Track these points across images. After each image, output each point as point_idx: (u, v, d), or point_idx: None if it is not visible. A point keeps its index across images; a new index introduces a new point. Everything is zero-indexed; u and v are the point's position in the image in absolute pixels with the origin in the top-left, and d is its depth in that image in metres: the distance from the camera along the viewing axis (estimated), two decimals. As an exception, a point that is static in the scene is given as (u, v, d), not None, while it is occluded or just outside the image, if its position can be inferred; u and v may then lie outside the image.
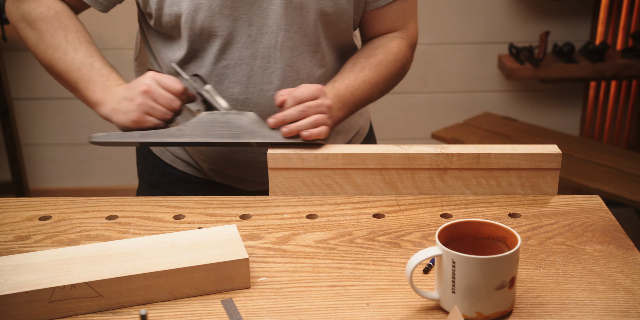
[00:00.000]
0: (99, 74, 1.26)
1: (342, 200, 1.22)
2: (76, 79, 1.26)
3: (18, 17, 1.31)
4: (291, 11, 1.28)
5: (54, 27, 1.28)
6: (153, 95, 1.19)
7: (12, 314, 0.91)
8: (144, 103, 1.19)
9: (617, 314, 0.93)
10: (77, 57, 1.26)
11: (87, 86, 1.25)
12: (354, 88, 1.31)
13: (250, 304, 0.96)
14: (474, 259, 0.88)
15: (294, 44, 1.32)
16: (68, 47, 1.27)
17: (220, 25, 1.28)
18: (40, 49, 1.29)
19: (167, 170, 1.50)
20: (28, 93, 3.11)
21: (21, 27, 1.31)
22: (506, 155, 1.21)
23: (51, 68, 1.29)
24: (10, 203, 1.22)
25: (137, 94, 1.20)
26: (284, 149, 1.21)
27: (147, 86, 1.19)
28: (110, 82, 1.25)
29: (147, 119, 1.20)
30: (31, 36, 1.30)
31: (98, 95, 1.24)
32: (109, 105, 1.23)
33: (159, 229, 1.14)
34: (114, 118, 1.23)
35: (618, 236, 1.11)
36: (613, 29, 2.96)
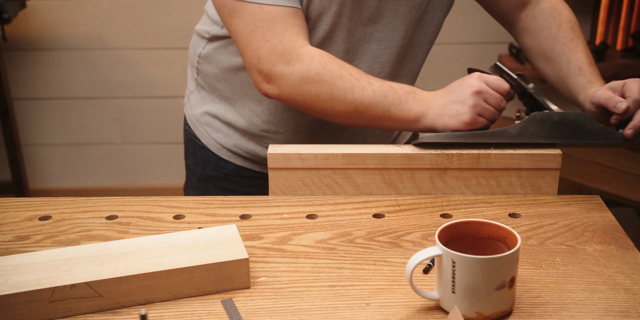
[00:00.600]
0: (403, 92, 1.23)
1: (342, 200, 1.22)
2: (387, 107, 1.22)
3: (298, 80, 1.22)
4: (383, 4, 1.30)
5: (336, 71, 1.22)
6: (484, 95, 1.19)
7: (12, 314, 0.91)
8: (477, 104, 1.19)
9: (617, 314, 0.93)
10: (375, 88, 1.23)
11: (401, 108, 1.22)
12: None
13: (250, 304, 0.96)
14: (474, 259, 0.88)
15: (381, 36, 1.33)
16: (361, 83, 1.23)
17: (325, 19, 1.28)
18: (338, 98, 1.22)
19: (220, 164, 1.50)
20: (28, 93, 3.11)
21: (306, 89, 1.22)
22: (506, 155, 1.21)
23: (357, 109, 1.23)
24: (10, 203, 1.22)
25: (468, 96, 1.19)
26: (284, 149, 1.21)
27: (478, 87, 1.19)
28: (420, 95, 1.24)
29: (480, 120, 1.20)
30: (322, 91, 1.22)
31: (416, 110, 1.22)
32: (432, 114, 1.21)
33: (159, 229, 1.14)
34: (438, 123, 1.21)
35: (618, 236, 1.11)
36: (613, 29, 2.96)
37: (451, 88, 1.22)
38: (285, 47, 1.21)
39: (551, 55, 1.38)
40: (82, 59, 3.05)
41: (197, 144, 1.53)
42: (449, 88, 1.23)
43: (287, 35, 1.22)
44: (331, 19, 1.29)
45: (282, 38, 1.22)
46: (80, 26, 2.99)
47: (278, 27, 1.22)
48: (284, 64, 1.22)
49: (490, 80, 1.20)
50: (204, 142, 1.51)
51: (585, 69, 1.33)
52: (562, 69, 1.35)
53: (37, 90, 3.10)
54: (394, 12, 1.32)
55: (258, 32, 1.22)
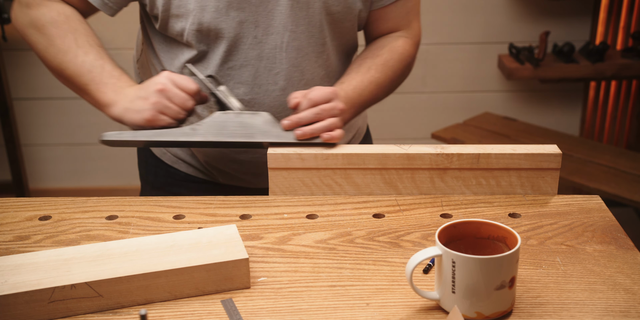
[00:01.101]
0: (109, 75, 1.25)
1: (342, 200, 1.22)
2: (86, 81, 1.26)
3: (26, 23, 1.30)
4: (297, 11, 1.29)
5: (64, 31, 1.28)
6: (168, 94, 1.19)
7: (12, 314, 0.91)
8: (159, 102, 1.19)
9: (617, 314, 0.93)
10: (87, 59, 1.26)
11: (98, 88, 1.25)
12: (361, 89, 1.32)
13: (250, 304, 0.96)
14: (474, 259, 0.88)
15: (299, 45, 1.32)
16: (78, 50, 1.26)
17: (227, 26, 1.28)
18: (50, 53, 1.28)
19: (170, 171, 1.50)
20: (28, 93, 3.11)
21: (30, 33, 1.30)
22: (506, 155, 1.21)
23: (61, 71, 1.29)
24: (10, 203, 1.22)
25: (151, 93, 1.20)
26: (284, 148, 1.21)
27: (162, 85, 1.20)
28: (122, 83, 1.25)
29: (161, 118, 1.20)
30: (40, 41, 1.29)
31: (109, 96, 1.24)
32: (121, 105, 1.23)
33: (159, 229, 1.14)
34: (126, 117, 1.22)
35: (618, 236, 1.11)
36: (613, 29, 2.96)
37: (143, 84, 1.23)
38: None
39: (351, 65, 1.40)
40: (82, 59, 3.05)
41: (148, 151, 1.53)
42: (143, 84, 1.24)
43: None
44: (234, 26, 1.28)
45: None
46: (80, 26, 2.99)
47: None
48: (25, 4, 1.30)
49: (178, 80, 1.21)
50: (152, 149, 1.51)
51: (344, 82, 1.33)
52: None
53: (37, 90, 3.10)
54: (309, 19, 1.31)
55: None
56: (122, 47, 3.03)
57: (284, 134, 1.22)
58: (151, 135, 1.21)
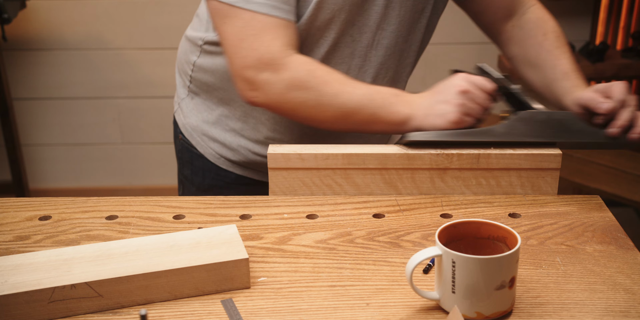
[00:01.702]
0: (390, 95, 1.24)
1: (342, 200, 1.22)
2: (373, 111, 1.22)
3: (284, 88, 1.22)
4: (390, 11, 1.31)
5: (323, 77, 1.23)
6: (471, 95, 1.19)
7: (12, 314, 0.91)
8: (463, 104, 1.19)
9: (617, 314, 0.93)
10: (360, 92, 1.23)
11: (388, 110, 1.23)
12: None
13: (250, 304, 0.96)
14: (474, 259, 0.88)
15: (388, 43, 1.34)
16: (347, 88, 1.23)
17: (334, 27, 1.29)
18: (325, 103, 1.22)
19: (220, 173, 1.49)
20: (28, 93, 3.11)
21: (293, 96, 1.23)
22: (506, 155, 1.21)
23: (343, 114, 1.23)
24: (10, 203, 1.22)
25: (454, 95, 1.19)
26: (284, 149, 1.21)
27: (464, 87, 1.19)
28: (405, 97, 1.24)
29: (466, 119, 1.20)
30: (310, 97, 1.22)
31: (403, 112, 1.22)
32: (419, 114, 1.21)
33: (159, 229, 1.14)
34: (426, 123, 1.21)
35: (618, 236, 1.11)
36: (613, 29, 2.96)
37: (437, 89, 1.23)
38: (272, 57, 1.22)
39: (536, 62, 1.39)
40: (82, 59, 3.05)
41: (194, 153, 1.51)
42: (434, 89, 1.23)
43: (275, 45, 1.22)
44: (339, 26, 1.29)
45: (269, 48, 1.22)
46: (80, 26, 2.99)
47: (267, 37, 1.22)
48: (270, 72, 1.22)
49: (476, 80, 1.21)
50: (201, 151, 1.50)
51: (571, 74, 1.34)
52: (548, 75, 1.37)
53: (37, 90, 3.11)
54: (400, 18, 1.33)
55: (247, 40, 1.22)
56: (122, 47, 3.03)
57: (592, 131, 1.21)
58: (459, 136, 1.20)
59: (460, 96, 1.19)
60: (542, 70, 1.38)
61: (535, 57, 1.39)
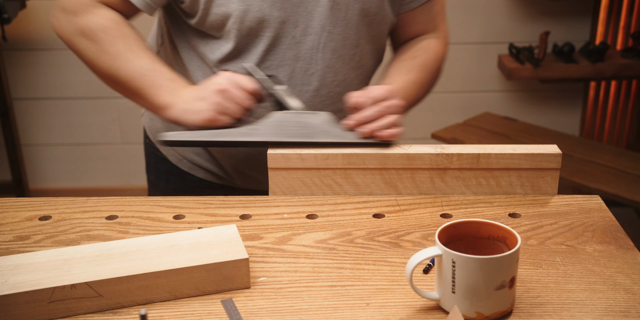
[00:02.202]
0: (164, 78, 1.25)
1: (342, 200, 1.22)
2: (141, 86, 1.25)
3: (73, 30, 1.28)
4: (336, 12, 1.30)
5: (115, 36, 1.26)
6: (228, 94, 1.19)
7: (12, 314, 0.91)
8: (219, 102, 1.19)
9: (617, 314, 0.93)
10: (140, 63, 1.25)
11: (153, 91, 1.24)
12: (405, 90, 1.34)
13: (250, 304, 0.96)
14: (474, 259, 0.88)
15: (335, 46, 1.33)
16: (130, 55, 1.25)
17: (269, 26, 1.28)
18: (102, 60, 1.27)
19: (184, 177, 1.49)
20: (28, 93, 3.11)
21: (77, 40, 1.28)
22: (506, 155, 1.21)
23: (114, 77, 1.27)
24: (10, 203, 1.22)
25: (211, 93, 1.19)
26: (284, 149, 1.21)
27: (222, 85, 1.19)
28: (177, 85, 1.24)
29: (221, 118, 1.20)
30: (90, 48, 1.27)
31: (165, 98, 1.23)
32: (179, 106, 1.22)
33: (159, 229, 1.14)
34: (184, 118, 1.22)
35: (618, 236, 1.11)
36: (613, 29, 2.97)
37: (201, 85, 1.23)
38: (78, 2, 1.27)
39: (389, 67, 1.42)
40: (82, 59, 3.05)
41: (159, 157, 1.52)
42: (200, 84, 1.23)
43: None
44: (276, 26, 1.29)
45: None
46: (80, 26, 2.99)
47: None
48: (69, 13, 1.28)
49: (237, 79, 1.20)
50: (164, 153, 1.50)
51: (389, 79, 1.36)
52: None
53: (37, 90, 3.11)
54: (346, 21, 1.32)
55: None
56: (122, 47, 3.03)
57: (344, 133, 1.22)
58: (211, 136, 1.21)
59: (218, 95, 1.19)
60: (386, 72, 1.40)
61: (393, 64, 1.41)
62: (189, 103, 1.21)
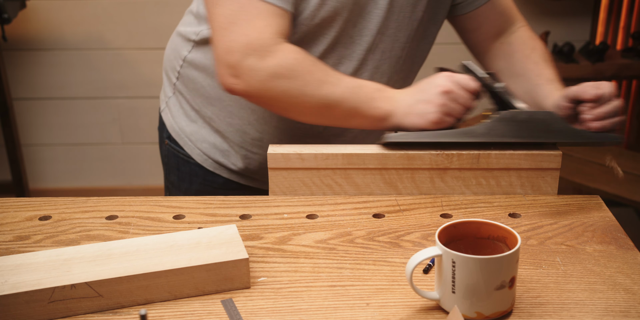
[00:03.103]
0: (372, 90, 1.22)
1: (342, 200, 1.22)
2: (355, 105, 1.21)
3: (268, 75, 1.19)
4: (390, 15, 1.31)
5: (309, 67, 1.21)
6: (453, 95, 1.18)
7: (12, 314, 0.91)
8: (445, 104, 1.18)
9: (617, 314, 0.93)
10: (344, 85, 1.21)
11: (369, 105, 1.21)
12: None
13: (250, 304, 0.96)
14: (474, 259, 0.88)
15: (384, 47, 1.34)
16: (331, 80, 1.21)
17: (336, 25, 1.28)
18: (307, 93, 1.20)
19: (208, 178, 1.48)
20: (28, 93, 3.11)
21: (276, 84, 1.19)
22: (506, 155, 1.21)
23: (325, 106, 1.22)
24: (10, 203, 1.22)
25: (436, 95, 1.18)
26: (284, 149, 1.21)
27: (446, 87, 1.18)
28: (388, 93, 1.23)
29: (447, 120, 1.19)
30: (292, 86, 1.20)
31: (384, 108, 1.21)
32: (400, 112, 1.20)
33: (159, 229, 1.14)
34: (406, 122, 1.20)
35: (618, 236, 1.11)
36: (613, 29, 2.97)
37: (420, 87, 1.21)
38: (262, 43, 1.19)
39: (521, 71, 1.39)
40: (82, 59, 3.05)
41: (181, 159, 1.50)
42: (417, 87, 1.22)
43: (267, 32, 1.19)
44: (340, 25, 1.29)
45: (261, 34, 1.19)
46: (80, 26, 2.99)
47: (260, 23, 1.19)
48: (256, 58, 1.18)
49: (459, 80, 1.19)
50: (189, 151, 1.48)
51: (555, 81, 1.35)
52: (532, 81, 1.36)
53: (37, 90, 3.11)
54: (398, 23, 1.33)
55: (239, 24, 1.19)
56: (122, 47, 3.03)
57: (572, 132, 1.20)
58: (437, 137, 1.20)
59: (443, 96, 1.18)
60: (527, 77, 1.38)
61: (521, 67, 1.39)
62: (412, 106, 1.20)
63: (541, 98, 1.33)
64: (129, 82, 3.09)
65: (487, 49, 1.47)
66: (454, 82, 1.19)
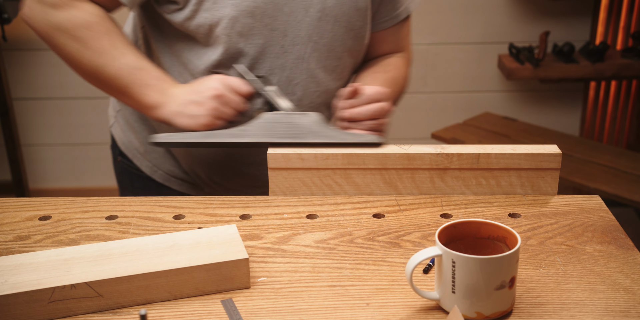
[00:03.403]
0: (151, 76, 1.23)
1: (342, 200, 1.22)
2: (127, 84, 1.23)
3: (52, 24, 1.23)
4: (324, 24, 1.30)
5: (99, 33, 1.23)
6: (224, 99, 1.19)
7: (12, 314, 0.91)
8: (216, 108, 1.19)
9: (617, 314, 0.93)
10: (125, 61, 1.23)
11: (141, 90, 1.22)
12: None
13: (250, 304, 0.96)
14: (474, 259, 0.88)
15: (319, 56, 1.33)
16: (115, 52, 1.22)
17: (259, 33, 1.28)
18: (85, 57, 1.23)
19: (161, 191, 1.48)
20: (28, 93, 3.11)
21: (57, 35, 1.23)
22: (506, 155, 1.21)
23: (97, 75, 1.24)
24: (10, 203, 1.22)
25: (207, 99, 1.19)
26: (284, 149, 1.21)
27: (217, 90, 1.19)
28: (165, 84, 1.23)
29: (217, 123, 1.20)
30: (72, 44, 1.23)
31: (155, 98, 1.22)
32: (170, 107, 1.21)
33: (159, 229, 1.14)
34: (176, 121, 1.21)
35: (618, 236, 1.11)
36: (613, 29, 2.97)
37: (193, 87, 1.22)
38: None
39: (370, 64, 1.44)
40: (82, 59, 3.05)
41: (134, 173, 1.50)
42: (192, 87, 1.22)
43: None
44: (264, 33, 1.28)
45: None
46: (80, 26, 2.99)
47: None
48: (49, 5, 1.22)
49: (232, 83, 1.20)
50: (138, 164, 1.49)
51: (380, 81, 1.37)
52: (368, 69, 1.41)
53: (37, 90, 3.11)
54: (333, 33, 1.32)
55: None
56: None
57: (333, 133, 1.22)
58: (202, 137, 1.21)
59: (214, 100, 1.19)
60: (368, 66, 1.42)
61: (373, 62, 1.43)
62: (184, 106, 1.20)
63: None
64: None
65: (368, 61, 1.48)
66: (227, 86, 1.20)
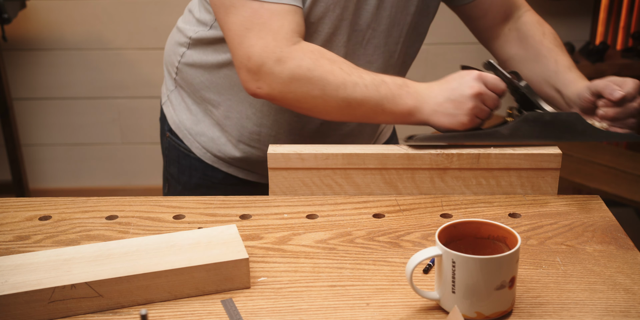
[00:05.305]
0: (396, 86, 1.21)
1: (342, 200, 1.22)
2: (380, 101, 1.20)
3: (288, 78, 1.19)
4: (381, 11, 1.31)
5: (327, 66, 1.19)
6: (484, 97, 1.18)
7: (12, 314, 0.91)
8: (476, 106, 1.17)
9: (617, 314, 0.93)
10: (367, 82, 1.20)
11: (395, 102, 1.20)
12: None
13: (250, 304, 0.96)
14: (474, 259, 0.88)
15: (378, 42, 1.34)
16: (353, 78, 1.20)
17: (329, 22, 1.28)
18: (330, 94, 1.19)
19: (207, 173, 1.48)
20: (28, 93, 3.11)
21: (297, 86, 1.19)
22: (506, 155, 1.21)
23: (348, 105, 1.21)
24: (10, 203, 1.22)
25: (467, 97, 1.17)
26: (284, 148, 1.21)
27: (477, 89, 1.17)
28: (412, 88, 1.21)
29: (476, 121, 1.19)
30: (314, 88, 1.19)
31: (410, 104, 1.20)
32: (427, 108, 1.20)
33: (159, 229, 1.14)
34: (434, 120, 1.20)
35: (618, 236, 1.11)
36: (613, 29, 2.97)
37: (449, 84, 1.20)
38: (278, 44, 1.19)
39: (537, 58, 1.39)
40: (82, 59, 3.05)
41: (182, 152, 1.50)
42: (446, 83, 1.20)
43: (281, 33, 1.19)
44: (333, 21, 1.28)
45: (276, 35, 1.19)
46: (80, 26, 2.99)
47: (275, 25, 1.19)
48: (273, 62, 1.19)
49: (489, 80, 1.19)
50: (188, 145, 1.48)
51: (573, 68, 1.35)
52: (550, 68, 1.36)
53: (37, 90, 3.11)
54: (391, 19, 1.33)
55: (254, 29, 1.20)
56: (122, 47, 3.03)
57: (594, 132, 1.20)
58: (464, 139, 1.20)
59: (474, 99, 1.17)
60: (543, 64, 1.37)
61: (536, 53, 1.39)
62: (441, 105, 1.19)
63: (561, 85, 1.33)
64: (129, 82, 3.09)
65: (496, 36, 1.47)
66: (485, 83, 1.18)
